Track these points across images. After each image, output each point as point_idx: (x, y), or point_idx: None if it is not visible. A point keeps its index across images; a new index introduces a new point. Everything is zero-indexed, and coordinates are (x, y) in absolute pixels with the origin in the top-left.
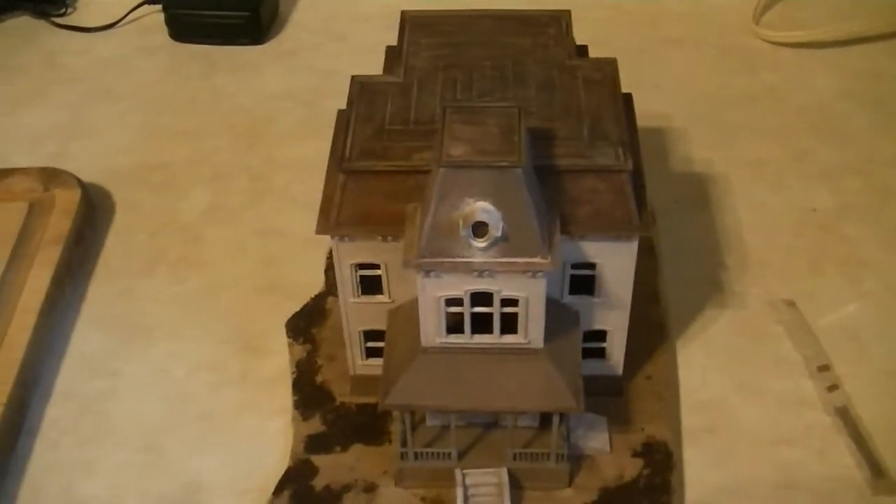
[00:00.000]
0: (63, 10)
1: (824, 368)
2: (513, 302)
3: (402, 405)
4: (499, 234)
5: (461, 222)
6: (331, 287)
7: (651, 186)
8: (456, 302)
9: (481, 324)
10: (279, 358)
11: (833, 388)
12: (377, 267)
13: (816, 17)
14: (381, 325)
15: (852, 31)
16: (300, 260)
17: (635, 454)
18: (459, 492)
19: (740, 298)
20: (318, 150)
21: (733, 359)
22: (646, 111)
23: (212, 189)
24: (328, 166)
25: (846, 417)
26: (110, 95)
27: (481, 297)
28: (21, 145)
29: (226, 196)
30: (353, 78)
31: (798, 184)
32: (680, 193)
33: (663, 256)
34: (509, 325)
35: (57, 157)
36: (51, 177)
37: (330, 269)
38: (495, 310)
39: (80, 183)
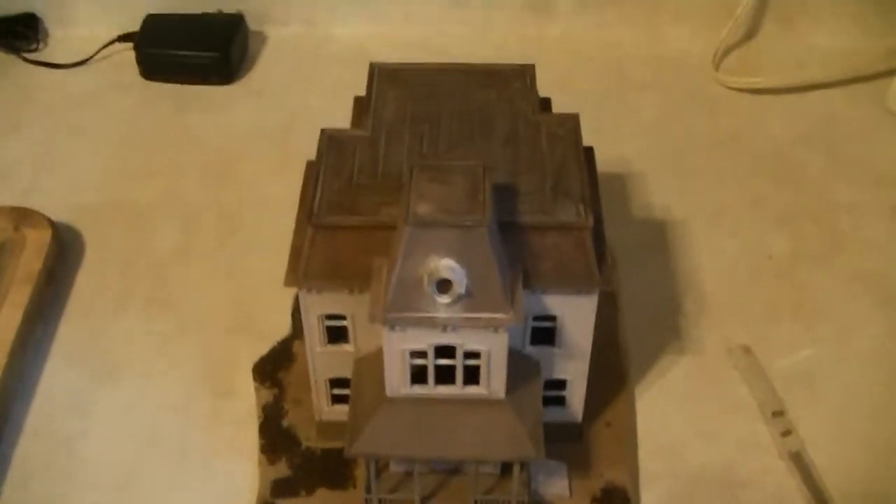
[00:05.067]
0: (35, 46)
1: (779, 414)
2: (475, 355)
3: (367, 453)
4: (462, 291)
5: (426, 279)
6: (297, 330)
7: (611, 232)
8: (420, 354)
9: (445, 375)
10: (246, 400)
11: (787, 433)
12: (343, 318)
13: (774, 64)
14: (346, 374)
15: (808, 77)
16: (268, 301)
17: (594, 500)
18: None
19: (697, 344)
20: (288, 186)
21: (691, 404)
22: (607, 156)
23: (182, 228)
24: (297, 218)
25: (799, 462)
26: (81, 132)
27: (445, 350)
28: None
29: (196, 235)
30: (323, 131)
31: (754, 229)
32: (640, 239)
33: (623, 301)
34: (472, 376)
35: (27, 193)
36: (21, 217)
37: (297, 312)
38: (458, 362)
39: (51, 223)
